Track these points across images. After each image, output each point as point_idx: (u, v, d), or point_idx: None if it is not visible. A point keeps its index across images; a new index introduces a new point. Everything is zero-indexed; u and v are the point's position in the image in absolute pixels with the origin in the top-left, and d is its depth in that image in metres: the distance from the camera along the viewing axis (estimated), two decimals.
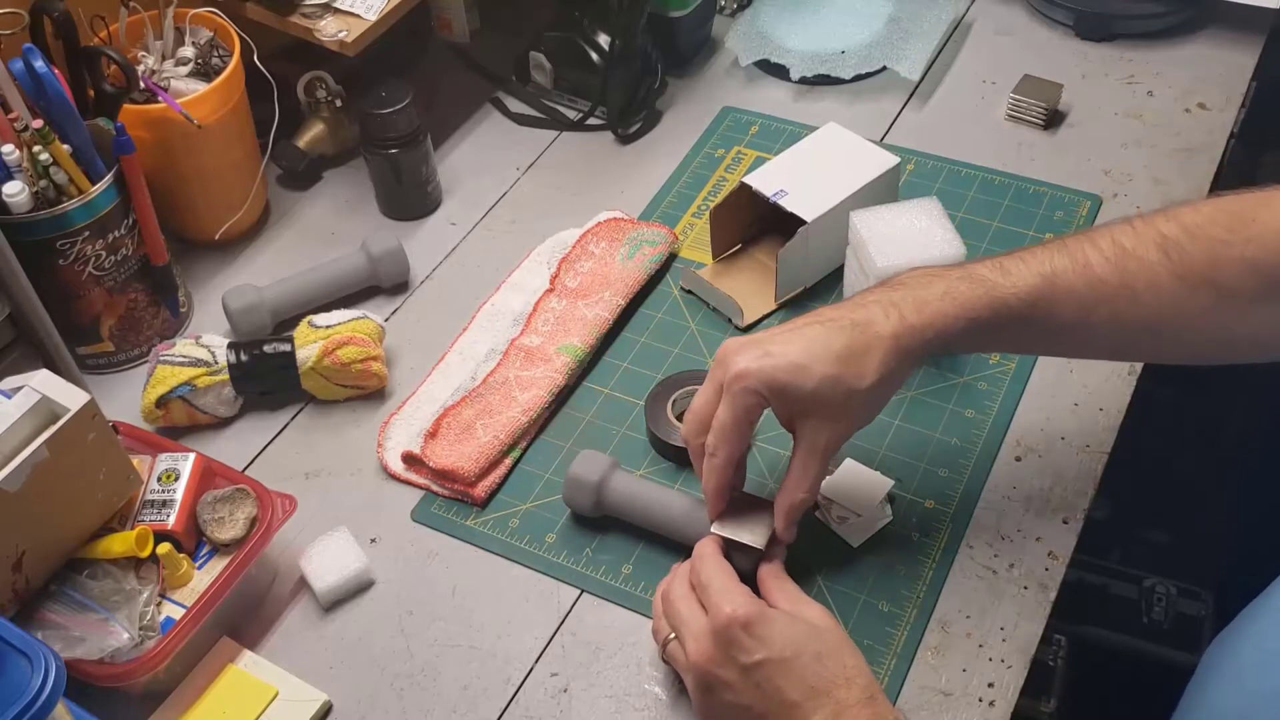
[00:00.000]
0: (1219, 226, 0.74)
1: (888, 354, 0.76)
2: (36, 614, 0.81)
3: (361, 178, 1.19)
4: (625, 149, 1.22)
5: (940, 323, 0.76)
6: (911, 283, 0.79)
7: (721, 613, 0.73)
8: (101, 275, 0.99)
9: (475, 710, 0.82)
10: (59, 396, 0.78)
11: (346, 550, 0.89)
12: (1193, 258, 0.74)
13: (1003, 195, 1.11)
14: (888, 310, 0.77)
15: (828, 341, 0.76)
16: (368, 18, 1.08)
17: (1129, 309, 0.76)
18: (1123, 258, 0.76)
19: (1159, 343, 0.79)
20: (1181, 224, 0.75)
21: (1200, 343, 0.78)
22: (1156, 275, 0.75)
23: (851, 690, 0.71)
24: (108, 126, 0.97)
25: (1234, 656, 0.75)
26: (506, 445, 0.94)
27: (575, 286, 1.05)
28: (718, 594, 0.75)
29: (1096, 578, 1.40)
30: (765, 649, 0.72)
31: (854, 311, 0.78)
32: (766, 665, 0.72)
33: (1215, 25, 1.25)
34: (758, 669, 0.72)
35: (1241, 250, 0.73)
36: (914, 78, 1.21)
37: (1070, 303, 0.76)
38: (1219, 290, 0.74)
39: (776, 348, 0.76)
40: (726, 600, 0.74)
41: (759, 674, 0.72)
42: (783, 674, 0.72)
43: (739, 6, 1.33)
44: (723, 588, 0.75)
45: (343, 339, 0.98)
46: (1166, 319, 0.76)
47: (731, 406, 0.77)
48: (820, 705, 0.71)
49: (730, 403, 0.77)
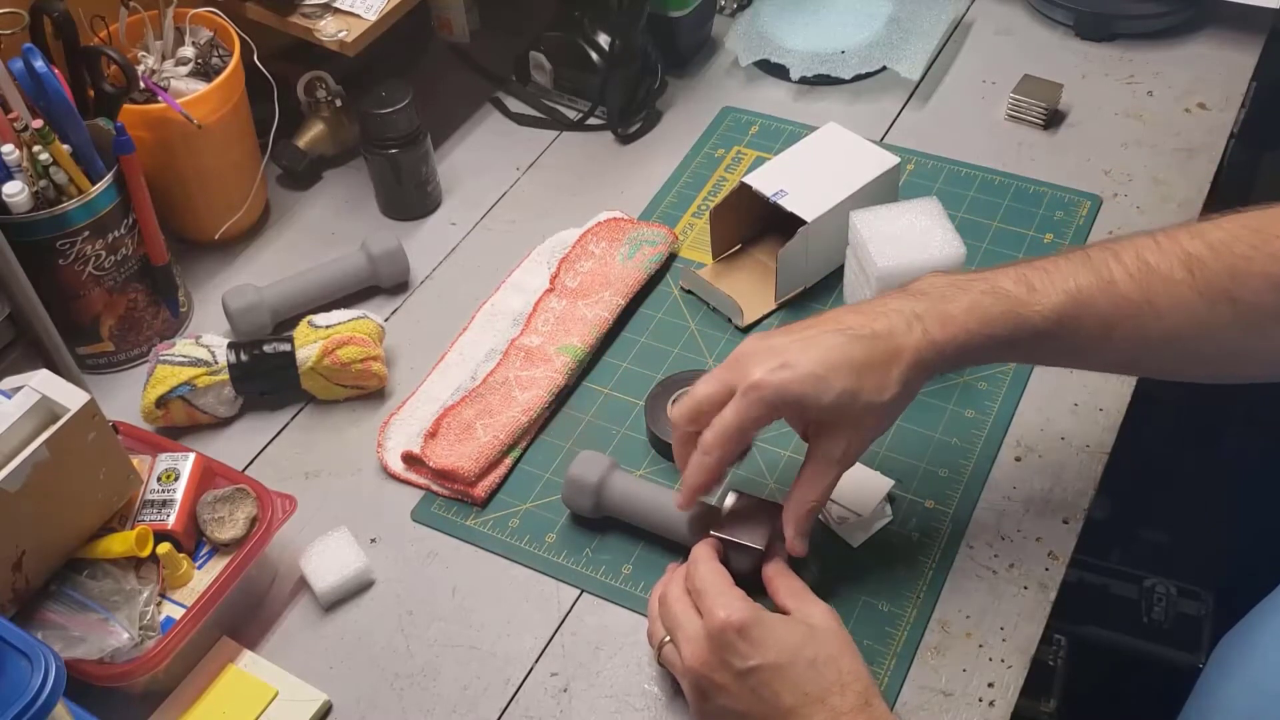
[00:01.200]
0: (1242, 243, 0.74)
1: (908, 368, 0.75)
2: (36, 614, 0.81)
3: (361, 178, 1.19)
4: (625, 149, 1.22)
5: (963, 338, 0.75)
6: (934, 293, 0.77)
7: (716, 617, 0.73)
8: (101, 275, 0.99)
9: (475, 710, 0.82)
10: (59, 396, 0.78)
11: (346, 550, 0.89)
12: (1215, 274, 0.74)
13: (1003, 195, 1.11)
14: (910, 322, 0.75)
15: (847, 352, 0.75)
16: (368, 18, 1.08)
17: (1152, 325, 0.75)
18: (1147, 274, 0.75)
19: (1180, 359, 0.78)
20: (1206, 240, 0.75)
21: (1221, 359, 0.77)
22: (1180, 293, 0.74)
23: (846, 697, 0.71)
24: (108, 126, 0.97)
25: (1245, 656, 0.75)
26: (506, 445, 0.94)
27: (575, 286, 1.05)
28: (713, 598, 0.74)
29: (1096, 578, 1.40)
30: (760, 654, 0.72)
31: (875, 321, 0.76)
32: (761, 670, 0.72)
33: (1215, 25, 1.25)
34: (752, 674, 0.72)
35: (1264, 266, 0.73)
36: (914, 78, 1.21)
37: (1094, 320, 0.75)
38: (1240, 307, 0.73)
39: (794, 357, 0.75)
40: (721, 605, 0.74)
41: (754, 679, 0.72)
42: (778, 679, 0.72)
43: (739, 6, 1.33)
44: (718, 591, 0.75)
45: (343, 339, 0.98)
46: (1188, 336, 0.75)
47: (739, 414, 0.76)
48: (814, 712, 0.71)
49: (739, 409, 0.76)
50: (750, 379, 0.75)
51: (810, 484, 0.78)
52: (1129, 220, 1.08)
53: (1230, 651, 0.77)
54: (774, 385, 0.74)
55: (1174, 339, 0.75)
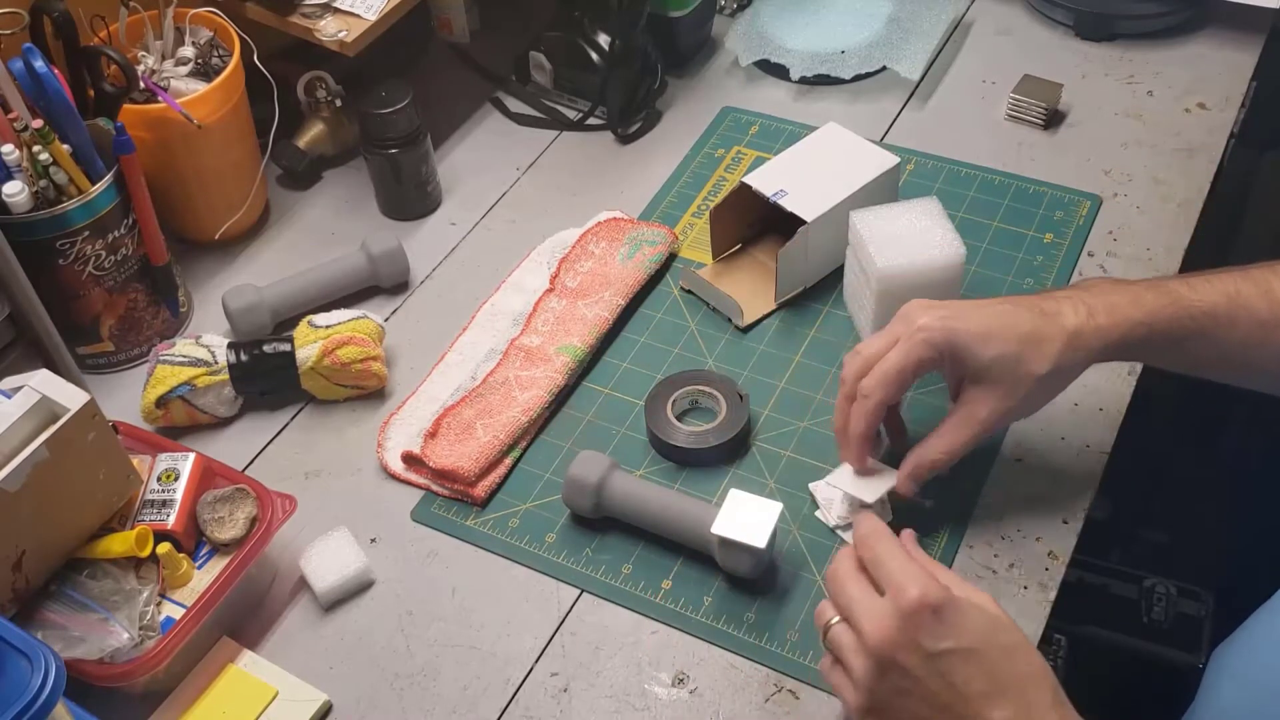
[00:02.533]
0: None
1: (1066, 347, 0.78)
2: (36, 614, 0.81)
3: (361, 178, 1.19)
4: (625, 149, 1.22)
5: (1125, 326, 0.79)
6: (1102, 286, 0.81)
7: (908, 595, 0.67)
8: (101, 275, 0.99)
9: (475, 710, 0.82)
10: (59, 396, 0.78)
11: (346, 550, 0.89)
12: None
13: (1003, 195, 1.11)
14: (1077, 306, 0.79)
15: (1015, 319, 0.79)
16: (368, 18, 1.08)
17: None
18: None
19: None
20: None
21: None
22: None
23: (1042, 692, 0.68)
24: (108, 126, 0.97)
25: (1247, 657, 0.75)
26: (506, 445, 0.94)
27: (575, 286, 1.05)
28: (900, 573, 0.69)
29: (1096, 578, 1.40)
30: (954, 637, 0.67)
31: (1044, 301, 0.80)
32: (955, 654, 0.67)
33: (1215, 25, 1.25)
34: (944, 657, 0.67)
35: None
36: (914, 78, 1.21)
37: (1250, 321, 0.78)
38: None
39: (964, 312, 0.79)
40: (912, 581, 0.68)
41: (944, 662, 0.67)
42: (972, 664, 0.67)
43: (739, 6, 1.33)
44: (902, 567, 0.69)
45: (343, 339, 0.98)
46: None
47: (904, 354, 0.79)
48: (1009, 701, 0.67)
49: (904, 350, 0.79)
50: (918, 322, 0.79)
51: (947, 436, 0.81)
52: (1129, 220, 1.08)
53: (1230, 652, 0.77)
54: (941, 329, 0.78)
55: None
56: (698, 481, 0.93)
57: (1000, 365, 0.78)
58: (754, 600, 0.86)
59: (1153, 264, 1.04)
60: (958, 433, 0.81)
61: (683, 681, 0.82)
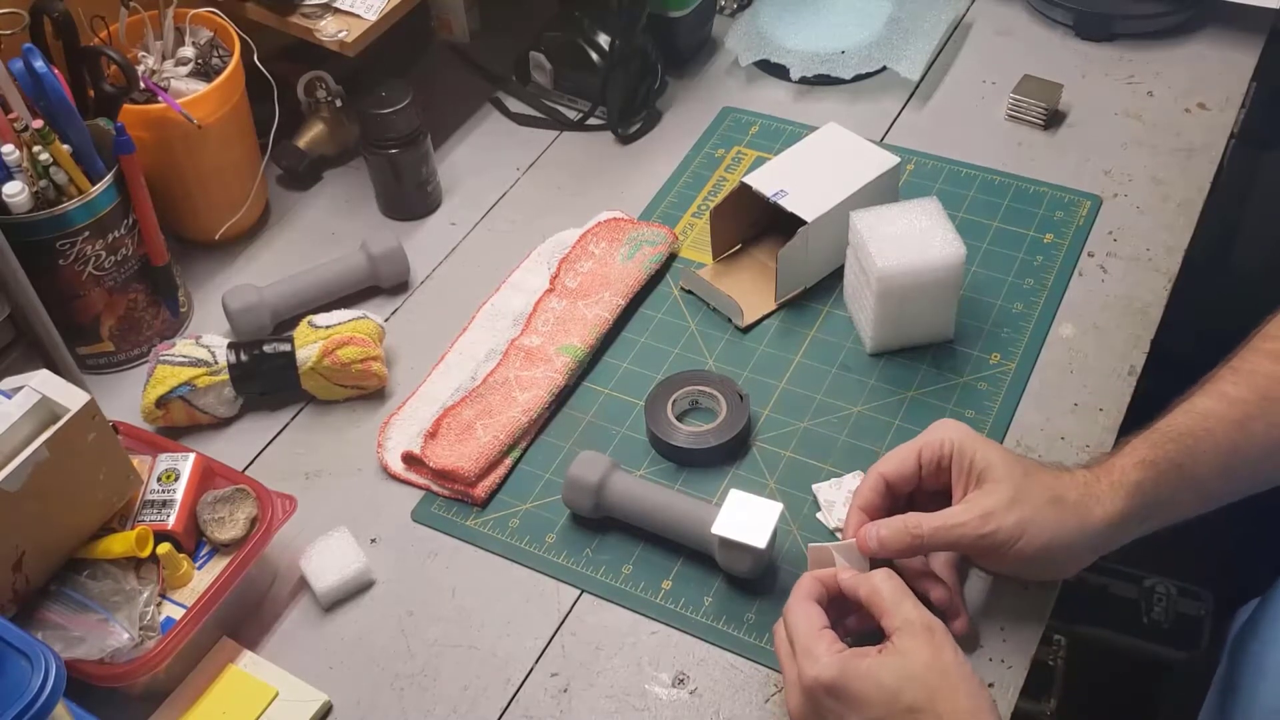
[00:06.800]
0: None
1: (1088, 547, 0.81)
2: (36, 614, 0.81)
3: (361, 178, 1.19)
4: (625, 149, 1.22)
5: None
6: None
7: (806, 674, 0.72)
8: (101, 275, 0.99)
9: (475, 710, 0.82)
10: (59, 396, 0.78)
11: (346, 550, 0.89)
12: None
13: (1003, 195, 1.11)
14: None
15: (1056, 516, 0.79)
16: (368, 18, 1.08)
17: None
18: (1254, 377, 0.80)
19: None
20: None
21: None
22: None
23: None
24: (108, 126, 0.97)
25: (1266, 647, 0.75)
26: (506, 445, 0.94)
27: (575, 286, 1.05)
28: (801, 651, 0.73)
29: (1096, 578, 1.40)
30: (854, 711, 0.70)
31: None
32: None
33: (1215, 25, 1.25)
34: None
35: None
36: (914, 78, 1.21)
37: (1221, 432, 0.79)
38: None
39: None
40: (808, 660, 0.72)
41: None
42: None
43: (739, 6, 1.33)
44: (804, 646, 0.73)
45: (343, 339, 0.98)
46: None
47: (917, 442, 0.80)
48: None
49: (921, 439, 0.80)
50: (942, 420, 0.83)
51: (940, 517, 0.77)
52: (1129, 220, 1.08)
53: (1244, 656, 0.77)
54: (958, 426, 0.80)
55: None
56: (698, 482, 0.93)
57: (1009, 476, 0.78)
58: (754, 600, 0.86)
59: (1153, 264, 1.04)
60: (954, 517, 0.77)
61: (683, 682, 0.82)
